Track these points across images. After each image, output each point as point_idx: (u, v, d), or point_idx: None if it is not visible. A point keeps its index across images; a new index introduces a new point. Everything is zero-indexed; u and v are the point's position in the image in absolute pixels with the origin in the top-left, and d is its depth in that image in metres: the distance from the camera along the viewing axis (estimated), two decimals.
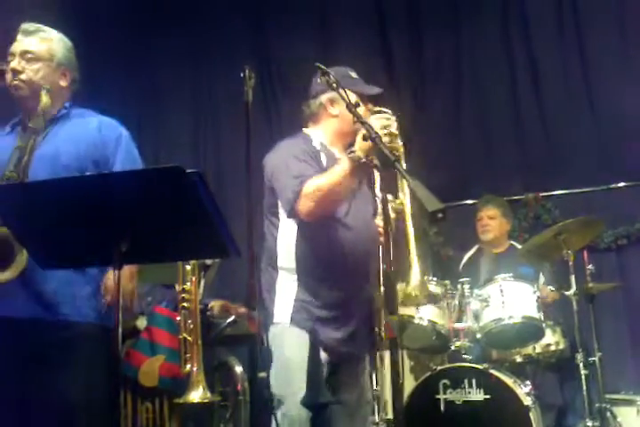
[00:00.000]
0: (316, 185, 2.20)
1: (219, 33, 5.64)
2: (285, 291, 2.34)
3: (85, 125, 2.30)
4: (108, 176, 1.91)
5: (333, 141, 2.52)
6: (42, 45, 2.29)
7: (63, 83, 2.34)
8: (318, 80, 2.33)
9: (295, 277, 2.35)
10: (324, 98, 2.49)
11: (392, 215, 2.26)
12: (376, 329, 2.41)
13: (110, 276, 2.10)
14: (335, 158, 2.44)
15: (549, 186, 5.04)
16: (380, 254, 2.27)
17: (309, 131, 2.55)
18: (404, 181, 2.22)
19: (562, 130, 5.07)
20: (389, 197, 2.29)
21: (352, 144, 2.48)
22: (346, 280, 2.34)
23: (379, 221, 2.31)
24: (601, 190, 4.85)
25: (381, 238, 2.27)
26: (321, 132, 2.52)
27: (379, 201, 2.34)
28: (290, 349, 2.13)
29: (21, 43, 2.29)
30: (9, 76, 2.26)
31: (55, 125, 2.29)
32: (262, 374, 2.15)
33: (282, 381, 2.23)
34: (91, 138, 2.26)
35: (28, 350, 2.06)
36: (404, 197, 2.24)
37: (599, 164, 4.89)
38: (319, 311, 2.29)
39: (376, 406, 3.78)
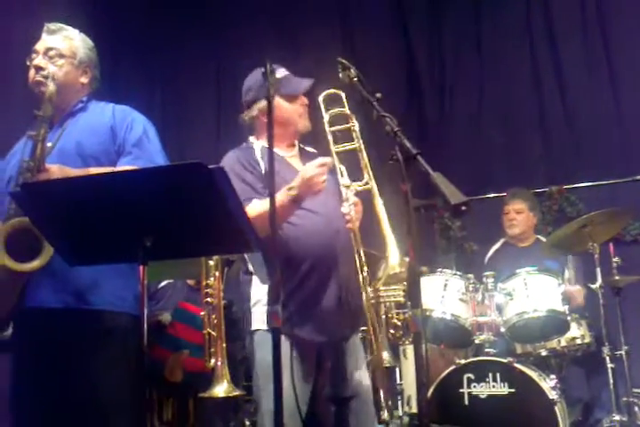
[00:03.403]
0: (254, 213, 2.18)
1: (242, 28, 5.64)
2: (258, 296, 2.34)
3: (101, 114, 2.34)
4: (131, 173, 1.93)
5: (276, 143, 2.41)
6: (65, 43, 2.35)
7: (84, 80, 2.39)
8: (255, 86, 2.39)
9: (266, 278, 2.33)
10: (255, 109, 2.48)
11: (356, 199, 2.30)
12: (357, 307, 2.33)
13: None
14: (278, 158, 2.42)
15: (573, 178, 5.00)
16: (353, 240, 2.28)
17: (253, 138, 2.55)
18: (366, 163, 2.30)
19: (586, 122, 5.02)
20: (350, 181, 2.31)
21: (293, 144, 2.54)
22: (314, 267, 2.31)
23: (344, 208, 2.29)
24: (625, 182, 4.80)
25: (349, 225, 2.29)
26: (262, 139, 2.50)
27: (343, 190, 2.32)
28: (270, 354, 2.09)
29: (45, 41, 2.34)
30: (31, 73, 2.30)
31: (73, 119, 2.34)
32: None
33: (263, 385, 2.21)
34: (108, 125, 2.29)
35: (60, 341, 2.09)
36: (369, 178, 2.28)
37: (623, 156, 4.84)
38: (290, 309, 2.24)
39: (399, 401, 3.79)
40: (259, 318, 2.32)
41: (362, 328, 2.51)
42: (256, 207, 2.23)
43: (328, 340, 2.34)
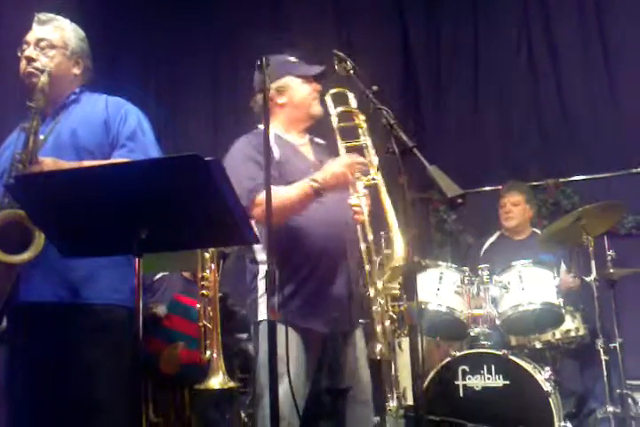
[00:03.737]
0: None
1: (238, 20, 5.62)
2: (264, 286, 2.32)
3: (94, 107, 2.32)
4: (127, 165, 1.92)
5: (289, 128, 2.51)
6: (56, 34, 2.32)
7: (76, 71, 2.37)
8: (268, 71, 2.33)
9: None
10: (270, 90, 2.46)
11: (365, 191, 2.30)
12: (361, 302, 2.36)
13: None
14: (291, 145, 2.45)
15: (569, 172, 5.00)
16: (359, 232, 2.28)
17: (262, 126, 2.52)
18: (372, 155, 2.31)
19: (581, 115, 5.02)
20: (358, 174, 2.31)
21: (310, 128, 2.54)
22: (322, 258, 2.31)
23: (353, 200, 2.29)
24: (621, 176, 4.81)
25: (357, 217, 2.28)
26: (274, 124, 2.47)
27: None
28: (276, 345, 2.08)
29: (36, 31, 2.32)
30: (23, 64, 2.27)
31: (66, 111, 2.32)
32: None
33: (264, 376, 2.18)
34: (101, 117, 2.28)
35: (55, 335, 2.09)
36: (376, 173, 2.29)
37: (619, 149, 4.84)
38: (297, 300, 2.27)
39: (394, 393, 3.80)
40: (264, 309, 2.28)
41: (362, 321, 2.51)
42: (273, 194, 2.21)
43: (334, 331, 2.33)
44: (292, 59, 2.52)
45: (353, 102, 2.43)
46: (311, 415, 2.32)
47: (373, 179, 2.29)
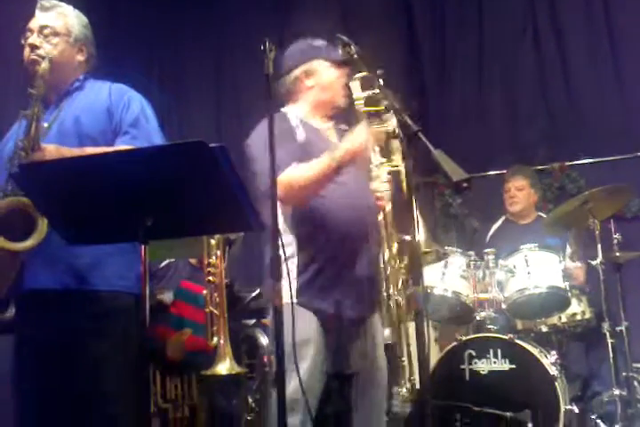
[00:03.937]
0: (290, 177, 2.16)
1: (242, 5, 5.57)
2: (288, 268, 2.27)
3: (98, 94, 2.31)
4: (132, 152, 1.92)
5: (314, 112, 2.48)
6: (59, 21, 2.30)
7: (80, 57, 2.35)
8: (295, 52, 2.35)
9: (295, 251, 2.31)
10: (297, 72, 2.45)
11: (388, 177, 2.27)
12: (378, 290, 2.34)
13: None
14: (315, 129, 2.43)
15: (575, 155, 4.98)
16: (382, 217, 2.27)
17: (286, 109, 2.50)
18: (397, 145, 2.26)
19: (587, 98, 4.99)
20: (382, 159, 2.29)
21: (335, 116, 2.51)
22: (344, 242, 2.30)
23: (375, 184, 2.28)
24: (627, 159, 4.78)
25: (379, 202, 2.28)
26: (299, 108, 2.47)
27: (374, 168, 2.30)
28: (297, 328, 2.03)
29: (39, 18, 2.30)
30: (27, 52, 2.27)
31: (70, 98, 2.31)
32: None
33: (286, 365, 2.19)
34: (104, 105, 2.26)
35: (61, 322, 2.09)
36: (399, 159, 2.25)
37: (625, 132, 4.81)
38: (319, 282, 2.27)
39: (402, 378, 3.81)
40: (286, 291, 2.30)
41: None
42: (294, 172, 2.19)
43: (354, 315, 2.33)
44: (317, 43, 2.50)
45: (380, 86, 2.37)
46: (320, 400, 2.33)
47: (396, 165, 2.25)
